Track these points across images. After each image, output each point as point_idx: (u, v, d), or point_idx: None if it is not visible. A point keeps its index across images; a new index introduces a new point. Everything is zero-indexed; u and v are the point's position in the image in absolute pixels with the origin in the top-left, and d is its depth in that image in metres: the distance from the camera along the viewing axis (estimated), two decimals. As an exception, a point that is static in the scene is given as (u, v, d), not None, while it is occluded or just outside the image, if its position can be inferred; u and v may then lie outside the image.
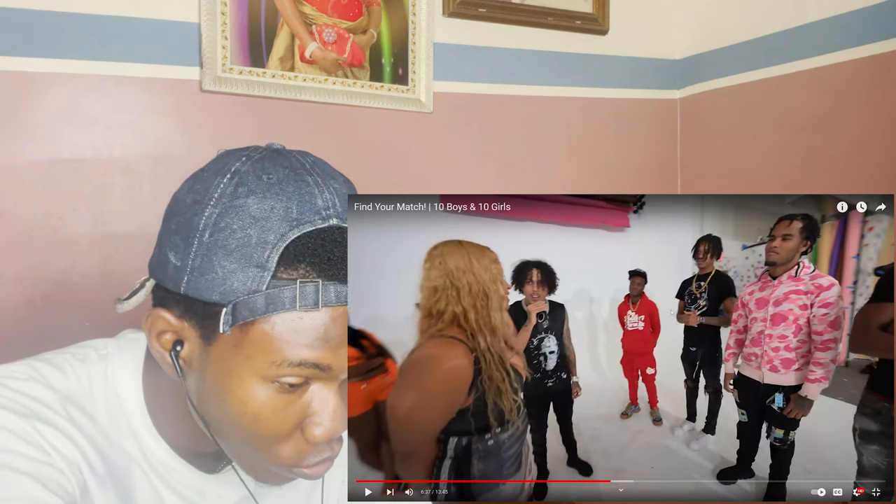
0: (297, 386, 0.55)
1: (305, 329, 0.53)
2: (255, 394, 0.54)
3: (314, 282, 0.53)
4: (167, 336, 0.57)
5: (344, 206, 0.57)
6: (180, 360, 0.57)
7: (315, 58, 1.35)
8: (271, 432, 0.56)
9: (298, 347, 0.53)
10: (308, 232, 0.53)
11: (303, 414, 0.56)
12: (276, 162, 0.57)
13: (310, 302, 0.52)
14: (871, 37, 1.36)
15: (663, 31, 1.78)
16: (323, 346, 0.54)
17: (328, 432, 0.57)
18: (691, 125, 1.77)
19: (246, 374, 0.54)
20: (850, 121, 1.42)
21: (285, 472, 0.59)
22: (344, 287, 0.54)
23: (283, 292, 0.52)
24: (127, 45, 1.19)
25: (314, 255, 0.53)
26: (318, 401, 0.56)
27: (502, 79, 1.57)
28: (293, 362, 0.53)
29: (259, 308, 0.52)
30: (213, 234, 0.53)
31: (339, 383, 0.57)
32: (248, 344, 0.53)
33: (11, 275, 1.14)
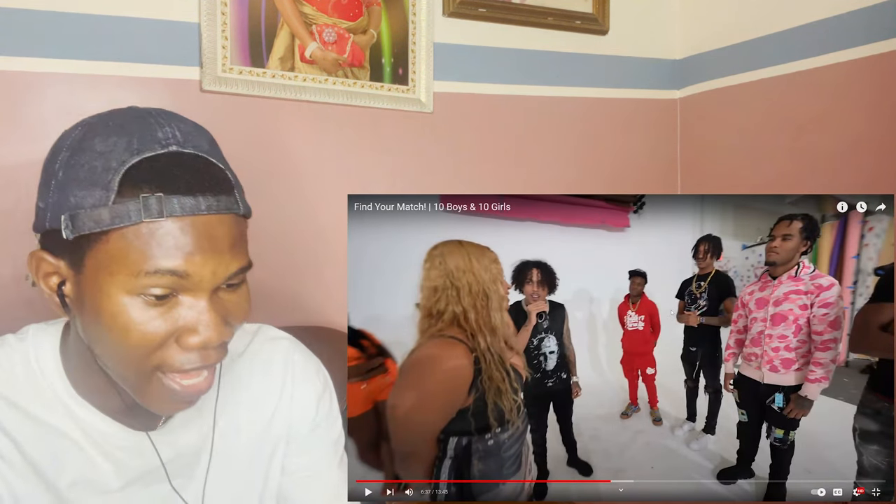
0: (163, 297, 0.60)
1: (156, 239, 0.58)
2: (124, 307, 0.59)
3: (156, 195, 0.58)
4: (53, 279, 0.63)
5: (187, 139, 0.62)
6: (66, 298, 0.62)
7: (315, 58, 1.35)
8: (141, 342, 0.60)
9: (153, 258, 0.58)
10: (148, 157, 0.59)
11: (174, 326, 0.61)
12: (122, 113, 0.64)
13: (153, 212, 0.57)
14: (871, 37, 1.36)
15: (663, 31, 1.78)
16: (176, 254, 0.58)
17: (202, 339, 0.61)
18: (691, 125, 1.77)
19: (112, 290, 0.59)
20: (850, 121, 1.42)
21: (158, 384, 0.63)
22: (188, 199, 0.59)
23: (128, 206, 0.57)
24: (127, 45, 1.19)
25: (156, 176, 0.58)
26: (189, 313, 0.61)
27: (502, 79, 1.57)
28: (149, 271, 0.58)
29: (104, 220, 0.57)
30: (65, 172, 0.60)
31: (208, 295, 0.61)
32: (109, 261, 0.58)
33: (11, 275, 1.14)
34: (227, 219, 0.62)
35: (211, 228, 0.60)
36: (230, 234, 0.62)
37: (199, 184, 0.60)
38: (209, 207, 0.60)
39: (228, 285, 0.64)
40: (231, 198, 0.63)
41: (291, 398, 0.81)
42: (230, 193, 0.63)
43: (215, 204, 0.60)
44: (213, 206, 0.60)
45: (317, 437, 0.83)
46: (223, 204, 0.61)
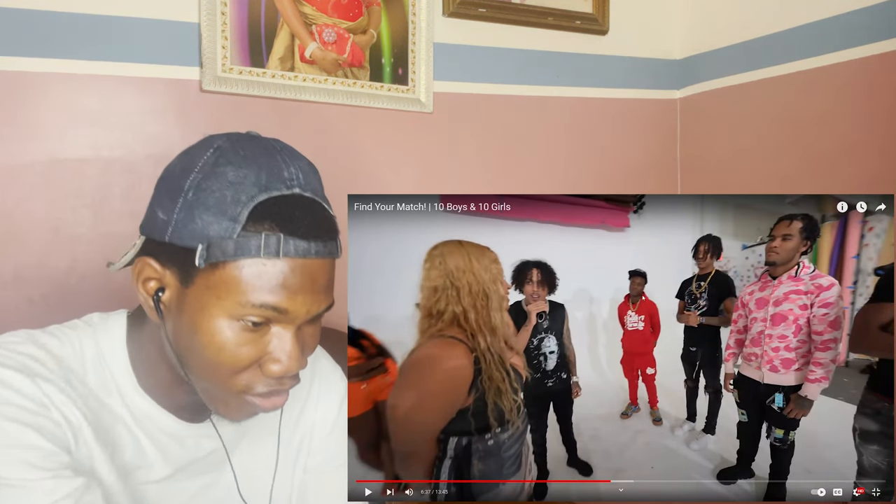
0: (259, 325, 0.65)
1: (268, 276, 0.63)
2: (222, 328, 0.64)
3: (277, 234, 0.63)
4: (151, 283, 0.67)
5: (307, 181, 0.67)
6: (161, 304, 0.67)
7: (315, 58, 1.35)
8: (232, 363, 0.65)
9: (261, 291, 0.63)
10: (274, 196, 0.64)
11: (262, 351, 0.66)
12: (251, 142, 0.68)
13: (272, 251, 0.63)
14: (871, 37, 1.36)
15: (663, 31, 1.78)
16: (281, 292, 0.64)
17: (283, 369, 0.66)
18: (691, 125, 1.77)
19: (216, 311, 0.64)
20: (850, 121, 1.42)
21: (240, 400, 0.68)
22: (302, 243, 0.64)
23: (250, 241, 0.62)
24: (127, 45, 1.19)
25: (278, 215, 0.63)
26: (277, 340, 0.66)
27: (502, 79, 1.57)
28: (255, 304, 0.63)
29: (229, 251, 0.62)
30: (195, 194, 0.64)
31: (295, 328, 0.66)
32: (220, 285, 0.63)
33: (11, 275, 1.14)
34: (328, 263, 0.67)
35: (315, 271, 0.66)
36: (327, 277, 0.68)
37: (314, 229, 0.65)
38: (318, 252, 0.65)
39: (311, 320, 0.68)
40: (335, 243, 0.68)
41: (318, 400, 0.86)
42: (335, 239, 0.68)
43: (323, 250, 0.66)
44: (321, 251, 0.66)
45: (333, 439, 0.87)
46: (328, 249, 0.67)
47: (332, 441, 0.87)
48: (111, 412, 0.70)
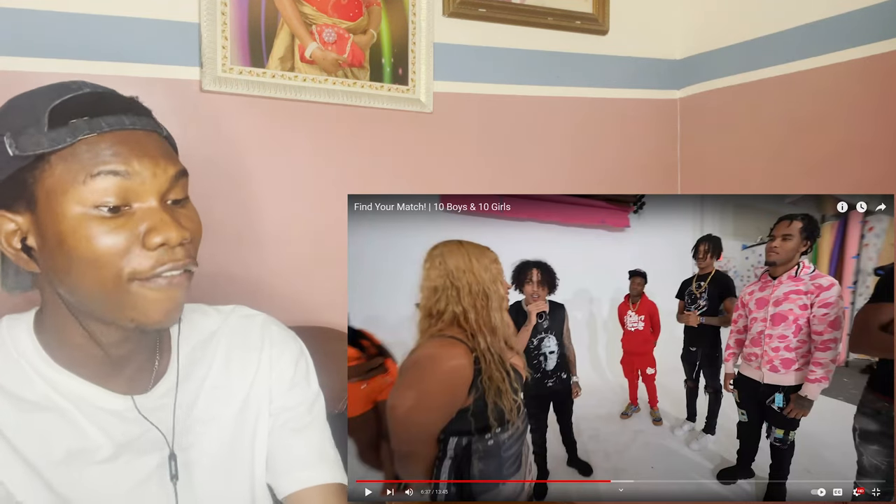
0: (117, 209, 0.65)
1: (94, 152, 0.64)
2: (82, 221, 0.64)
3: (83, 118, 0.65)
4: (15, 238, 0.68)
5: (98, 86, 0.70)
6: (32, 251, 0.68)
7: (315, 58, 1.35)
8: (108, 251, 0.65)
9: (94, 164, 0.64)
10: (67, 98, 0.66)
11: (133, 230, 0.66)
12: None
13: (84, 131, 0.64)
14: (871, 37, 1.36)
15: (663, 31, 1.78)
16: (113, 159, 0.65)
17: (162, 236, 0.66)
18: (691, 125, 1.77)
19: (67, 207, 0.64)
20: (850, 121, 1.41)
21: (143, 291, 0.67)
22: (112, 117, 0.66)
23: (60, 132, 0.64)
24: (127, 45, 1.19)
25: (79, 108, 0.66)
26: (144, 215, 0.66)
27: (502, 79, 1.57)
28: (93, 173, 0.64)
29: (43, 144, 0.64)
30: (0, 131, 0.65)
31: (157, 198, 0.67)
32: (56, 182, 0.64)
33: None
34: (153, 135, 0.69)
35: (140, 141, 0.67)
36: (159, 146, 0.69)
37: (119, 106, 0.68)
38: (133, 123, 0.67)
39: (174, 202, 0.70)
40: (151, 119, 0.71)
41: (270, 360, 0.86)
42: (149, 116, 0.71)
43: (138, 121, 0.68)
44: (136, 122, 0.68)
45: (294, 395, 0.87)
46: (144, 122, 0.69)
47: (291, 399, 0.87)
48: (36, 405, 0.69)
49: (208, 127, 1.26)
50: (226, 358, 0.84)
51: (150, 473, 0.74)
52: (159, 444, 0.76)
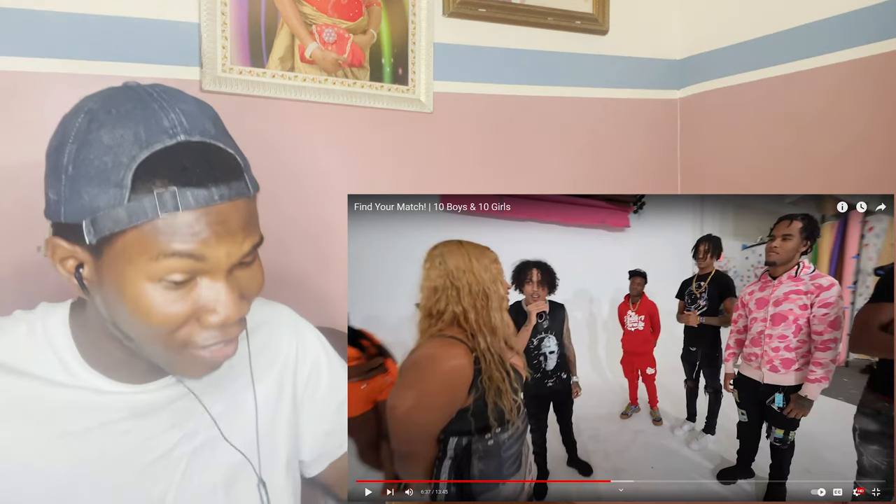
0: (183, 282, 0.63)
1: (174, 229, 0.61)
2: (144, 292, 0.62)
3: (170, 189, 0.60)
4: (69, 262, 0.65)
5: (193, 123, 0.63)
6: (84, 280, 0.65)
7: (315, 58, 1.35)
8: (164, 323, 0.64)
9: (170, 243, 0.61)
10: (157, 150, 0.60)
11: (194, 306, 0.64)
12: (124, 96, 0.64)
13: (169, 207, 0.60)
14: (871, 37, 1.36)
15: (663, 31, 1.78)
16: (192, 241, 0.61)
17: (220, 318, 0.65)
18: (691, 125, 1.77)
19: (132, 276, 0.62)
20: (850, 121, 1.41)
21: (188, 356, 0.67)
22: (201, 191, 0.61)
23: (143, 203, 0.59)
24: (127, 45, 1.19)
25: (167, 169, 0.60)
26: (207, 292, 0.65)
27: (502, 79, 1.57)
28: (167, 253, 0.61)
29: (122, 220, 0.60)
30: (75, 167, 0.61)
31: (224, 275, 0.65)
32: (127, 250, 0.61)
33: (11, 275, 1.14)
34: (239, 203, 0.64)
35: (224, 215, 0.63)
36: (242, 217, 0.65)
37: (211, 174, 0.61)
38: (222, 196, 0.62)
39: (242, 263, 0.67)
40: (241, 182, 0.65)
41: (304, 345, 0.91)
42: (240, 178, 0.64)
43: (227, 192, 0.62)
44: (225, 194, 0.62)
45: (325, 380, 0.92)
46: (234, 190, 0.63)
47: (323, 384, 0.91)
48: (53, 384, 0.69)
49: (208, 127, 1.26)
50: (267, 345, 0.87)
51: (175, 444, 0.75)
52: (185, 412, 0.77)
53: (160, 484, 0.74)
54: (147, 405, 0.74)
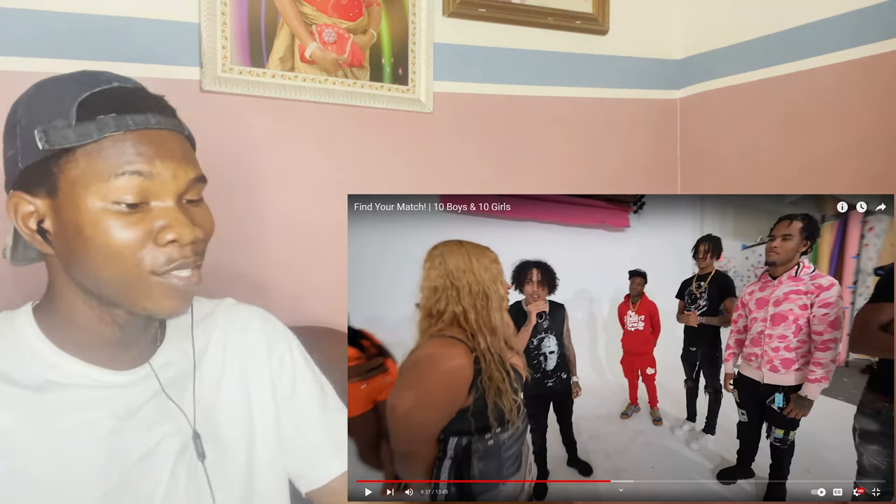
0: (135, 206, 0.68)
1: (120, 149, 0.67)
2: (102, 215, 0.67)
3: (111, 115, 0.67)
4: (32, 220, 0.70)
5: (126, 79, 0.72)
6: (47, 234, 0.70)
7: (315, 58, 1.35)
8: (125, 244, 0.67)
9: (119, 164, 0.66)
10: (97, 91, 0.68)
11: (149, 227, 0.68)
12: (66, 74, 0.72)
13: (111, 127, 0.66)
14: (871, 37, 1.36)
15: (663, 31, 1.78)
16: (139, 159, 0.67)
17: (175, 233, 0.69)
18: (691, 125, 1.77)
19: (88, 201, 0.66)
20: (850, 121, 1.41)
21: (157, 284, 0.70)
22: (139, 116, 0.68)
23: (88, 126, 0.66)
24: (127, 45, 1.19)
25: (108, 103, 0.67)
26: (161, 216, 0.69)
27: (502, 79, 1.57)
28: (118, 173, 0.66)
29: (71, 137, 0.66)
30: (26, 118, 0.68)
31: (174, 199, 0.70)
32: (81, 175, 0.66)
33: (11, 275, 1.14)
34: (175, 135, 0.71)
35: (164, 140, 0.69)
36: (182, 147, 0.71)
37: (146, 104, 0.70)
38: (158, 123, 0.69)
39: (189, 201, 0.72)
40: (175, 120, 0.72)
41: (269, 346, 0.89)
42: (173, 116, 0.72)
43: (163, 121, 0.70)
44: (161, 122, 0.70)
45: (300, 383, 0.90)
46: (169, 122, 0.71)
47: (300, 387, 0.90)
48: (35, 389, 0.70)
49: (208, 127, 1.26)
50: (223, 339, 0.86)
51: (159, 442, 0.76)
52: (172, 415, 0.77)
53: (149, 482, 0.74)
54: (126, 404, 0.74)
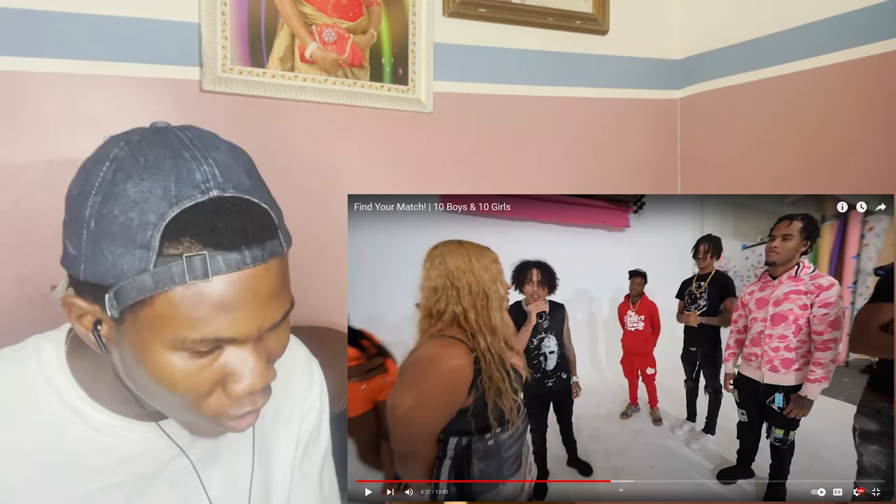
0: (208, 351, 0.58)
1: (200, 301, 0.55)
2: (168, 362, 0.57)
3: (200, 254, 0.54)
4: (86, 318, 0.60)
5: (227, 176, 0.57)
6: (102, 337, 0.60)
7: (315, 58, 1.35)
8: (191, 393, 0.59)
9: (197, 322, 0.56)
10: (188, 207, 0.55)
11: (220, 374, 0.60)
12: (153, 142, 0.58)
13: (198, 274, 0.54)
14: (871, 37, 1.36)
15: (663, 31, 1.78)
16: (221, 318, 0.56)
17: (248, 388, 0.60)
18: (691, 125, 1.77)
19: (156, 347, 0.57)
20: (850, 121, 1.41)
21: (212, 424, 0.63)
22: (233, 254, 0.56)
23: (171, 269, 0.54)
24: (127, 45, 1.19)
25: (198, 228, 0.55)
26: (234, 361, 0.60)
27: (502, 79, 1.57)
28: (196, 339, 0.56)
29: (148, 286, 0.54)
30: (97, 223, 0.55)
31: (252, 343, 0.60)
32: (153, 321, 0.56)
33: (11, 275, 1.14)
34: (272, 265, 0.59)
35: (257, 281, 0.57)
36: (274, 282, 0.60)
37: (245, 234, 0.56)
38: (254, 259, 0.57)
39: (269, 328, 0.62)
40: (275, 241, 0.60)
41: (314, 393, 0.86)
42: (274, 237, 0.60)
43: (260, 254, 0.57)
44: (258, 257, 0.57)
45: (322, 432, 0.87)
46: (268, 251, 0.58)
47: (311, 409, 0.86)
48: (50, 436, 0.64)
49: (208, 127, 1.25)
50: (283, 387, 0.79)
51: None
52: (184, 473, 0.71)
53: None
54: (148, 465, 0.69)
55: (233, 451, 0.76)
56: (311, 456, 0.86)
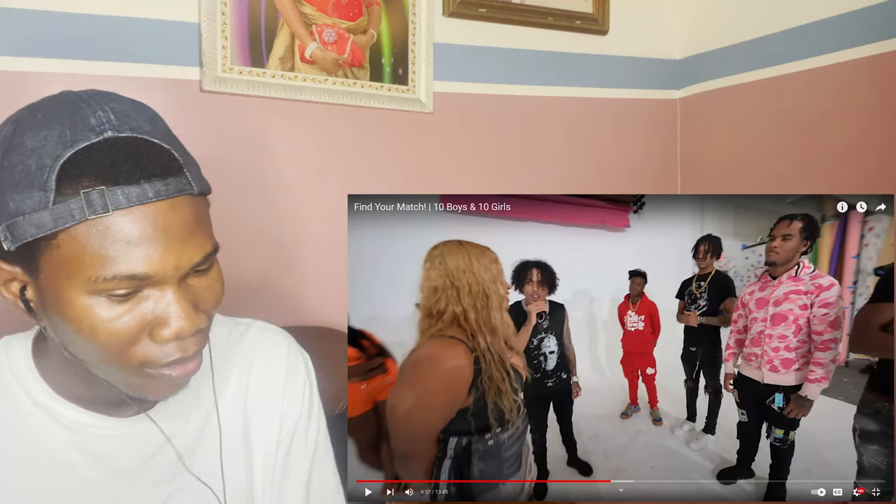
0: (128, 294, 0.57)
1: (108, 237, 0.55)
2: (86, 308, 0.56)
3: (98, 189, 0.54)
4: (13, 285, 0.60)
5: (123, 120, 0.57)
6: (30, 302, 0.60)
7: (315, 58, 1.35)
8: (113, 339, 0.58)
9: (108, 261, 0.55)
10: (82, 147, 0.55)
11: (144, 321, 0.58)
12: (51, 101, 0.60)
13: (97, 208, 0.54)
14: (871, 37, 1.36)
15: (663, 31, 1.78)
16: (131, 254, 0.55)
17: (175, 331, 0.59)
18: (691, 125, 1.77)
19: (72, 293, 0.56)
20: (850, 121, 1.41)
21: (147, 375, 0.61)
22: (133, 188, 0.55)
23: (70, 205, 0.54)
24: (127, 45, 1.19)
25: (94, 167, 0.55)
26: (159, 307, 0.58)
27: (502, 79, 1.57)
28: (107, 277, 0.55)
29: (46, 224, 0.54)
30: (1, 176, 0.56)
31: (175, 285, 0.59)
32: (63, 265, 0.55)
33: (11, 275, 1.14)
34: (180, 202, 0.58)
35: (164, 216, 0.56)
36: (186, 219, 0.58)
37: (143, 169, 0.56)
38: (157, 193, 0.56)
39: (196, 271, 0.61)
40: (181, 178, 0.58)
41: (295, 390, 0.82)
42: (179, 174, 0.58)
43: (164, 189, 0.56)
44: (161, 191, 0.56)
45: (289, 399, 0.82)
46: (172, 187, 0.57)
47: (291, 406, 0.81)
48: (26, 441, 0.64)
49: (208, 127, 1.26)
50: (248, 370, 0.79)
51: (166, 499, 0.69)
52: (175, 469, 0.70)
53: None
54: (127, 462, 0.68)
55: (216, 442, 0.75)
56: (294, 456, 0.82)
